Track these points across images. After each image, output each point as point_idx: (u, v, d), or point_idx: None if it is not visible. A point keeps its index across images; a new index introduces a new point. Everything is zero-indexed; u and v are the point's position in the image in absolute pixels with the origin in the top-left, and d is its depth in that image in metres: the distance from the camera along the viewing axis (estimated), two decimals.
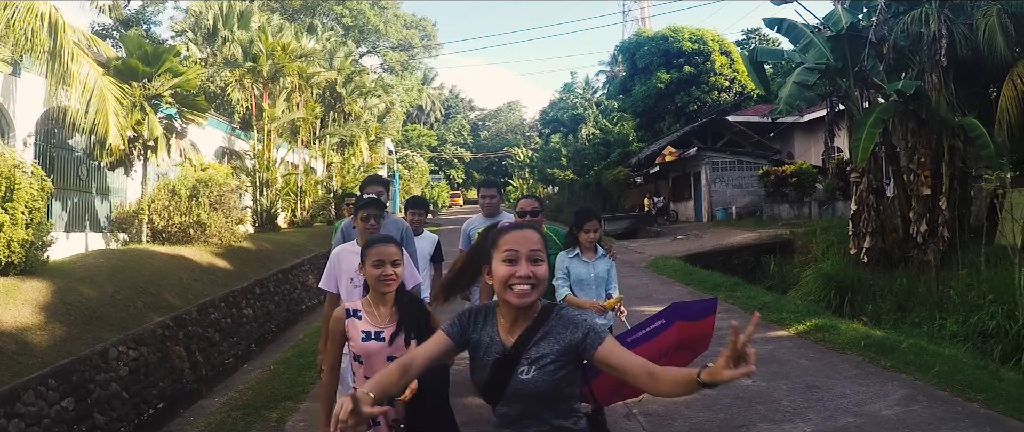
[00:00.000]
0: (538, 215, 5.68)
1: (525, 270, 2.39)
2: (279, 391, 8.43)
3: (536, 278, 2.41)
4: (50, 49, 12.05)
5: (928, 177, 15.34)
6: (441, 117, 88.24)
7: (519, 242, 2.45)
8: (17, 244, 9.47)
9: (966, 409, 6.69)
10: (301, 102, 27.51)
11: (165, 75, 15.65)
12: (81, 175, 16.37)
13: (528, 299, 2.40)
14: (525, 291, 2.39)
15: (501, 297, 2.47)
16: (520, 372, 2.42)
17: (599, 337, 2.40)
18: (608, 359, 2.35)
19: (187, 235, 15.35)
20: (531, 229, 2.55)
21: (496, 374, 2.47)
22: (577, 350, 2.40)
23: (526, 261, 2.41)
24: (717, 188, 32.20)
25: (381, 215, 5.34)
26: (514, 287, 2.40)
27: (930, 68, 14.98)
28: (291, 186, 26.31)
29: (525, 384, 2.41)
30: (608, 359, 2.35)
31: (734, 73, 43.33)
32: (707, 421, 6.68)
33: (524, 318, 2.49)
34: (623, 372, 2.29)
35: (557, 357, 2.40)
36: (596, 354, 2.35)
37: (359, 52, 53.16)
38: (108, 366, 8.74)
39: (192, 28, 29.05)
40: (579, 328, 2.43)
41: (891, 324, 12.45)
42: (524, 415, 2.47)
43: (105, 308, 9.97)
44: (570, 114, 60.55)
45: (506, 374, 2.45)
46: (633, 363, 2.31)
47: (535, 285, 2.41)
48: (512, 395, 2.46)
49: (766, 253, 21.15)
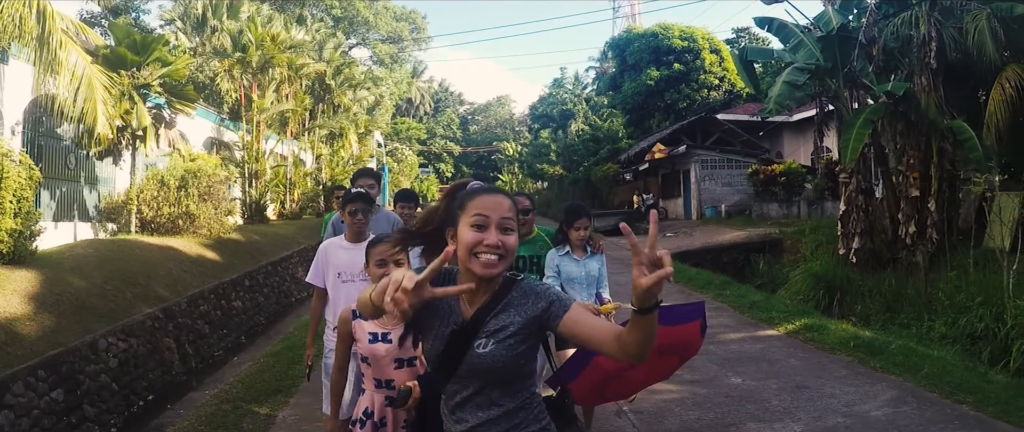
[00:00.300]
0: (529, 213, 5.58)
1: (495, 238, 2.23)
2: (269, 384, 8.41)
3: (505, 248, 2.25)
4: (38, 36, 11.94)
5: (917, 179, 15.40)
6: (430, 111, 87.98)
7: (490, 207, 2.27)
8: (5, 233, 9.43)
9: (955, 411, 6.73)
10: (290, 93, 27.41)
11: (154, 64, 15.56)
12: (69, 164, 16.27)
13: (494, 270, 2.25)
14: (492, 262, 2.24)
15: (464, 265, 2.30)
16: (477, 345, 2.28)
17: (565, 305, 2.25)
18: (574, 328, 2.20)
19: (176, 226, 15.30)
20: (501, 193, 2.37)
21: (451, 347, 2.33)
22: (541, 321, 2.26)
23: (496, 229, 2.25)
24: (706, 186, 32.24)
25: (369, 209, 5.30)
26: (480, 256, 2.24)
27: (920, 70, 15.03)
28: (280, 178, 26.22)
29: (482, 358, 2.27)
30: (574, 328, 2.20)
31: (724, 71, 43.36)
32: (697, 419, 6.71)
33: (485, 290, 2.33)
34: (590, 340, 2.16)
35: (519, 329, 2.27)
36: (562, 323, 2.21)
37: (349, 44, 53.10)
38: (98, 357, 8.71)
39: (181, 17, 28.85)
40: (543, 297, 2.29)
41: (880, 325, 12.51)
42: (476, 395, 2.34)
43: (94, 299, 9.93)
44: (560, 110, 60.56)
45: (462, 347, 2.31)
46: (601, 329, 2.16)
47: (503, 256, 2.25)
48: (467, 371, 2.31)
49: (755, 252, 21.20)
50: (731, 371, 8.41)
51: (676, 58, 43.38)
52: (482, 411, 2.34)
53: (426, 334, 2.42)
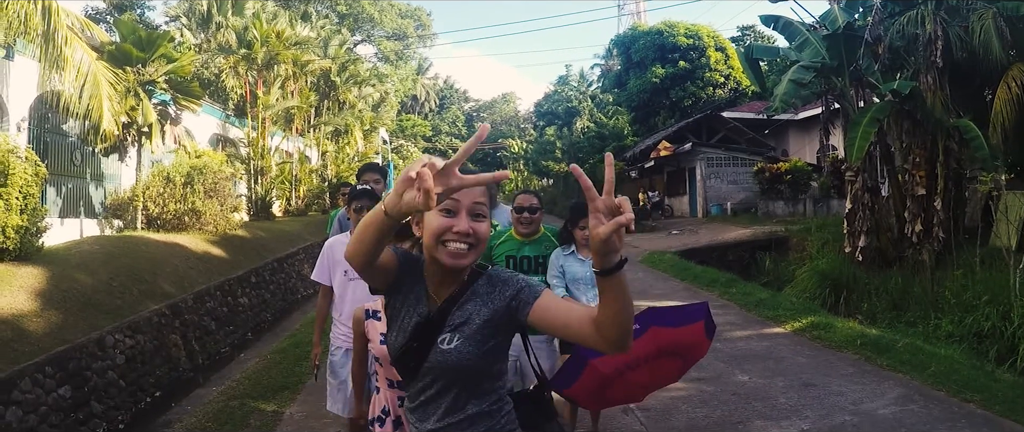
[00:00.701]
0: (537, 211, 5.32)
1: (465, 225, 2.05)
2: (276, 381, 8.42)
3: (476, 236, 2.08)
4: (43, 32, 11.95)
5: (923, 177, 15.37)
6: (436, 107, 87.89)
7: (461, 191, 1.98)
8: (11, 230, 9.43)
9: (962, 410, 6.71)
10: (296, 90, 27.44)
11: (159, 61, 15.56)
12: (75, 161, 16.31)
13: (463, 261, 2.08)
14: (460, 251, 2.07)
15: (430, 254, 2.12)
16: (441, 341, 2.10)
17: (534, 291, 2.06)
18: (546, 315, 2.00)
19: (182, 222, 15.31)
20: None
21: (414, 340, 2.14)
22: (509, 312, 2.08)
23: (467, 215, 2.07)
24: (712, 184, 32.22)
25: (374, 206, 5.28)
26: (448, 244, 2.07)
27: (925, 69, 15.01)
28: (286, 174, 26.24)
29: (446, 356, 2.08)
30: (546, 315, 2.00)
31: (729, 69, 43.31)
32: (705, 417, 6.70)
33: (453, 280, 2.16)
34: (566, 328, 1.95)
35: (486, 322, 2.09)
36: (533, 311, 2.02)
37: (354, 41, 53.06)
38: (105, 354, 8.72)
39: (186, 14, 28.95)
40: (510, 285, 2.11)
41: (886, 323, 12.48)
42: (439, 396, 2.15)
43: (101, 295, 9.95)
44: (565, 107, 60.39)
45: (426, 342, 2.12)
46: (575, 313, 1.95)
47: (473, 245, 2.08)
48: (429, 369, 2.12)
49: (761, 250, 21.17)
50: (738, 369, 8.40)
51: (681, 56, 43.35)
52: (446, 415, 2.14)
53: (392, 324, 2.24)
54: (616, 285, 1.78)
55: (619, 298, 1.79)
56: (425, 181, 1.70)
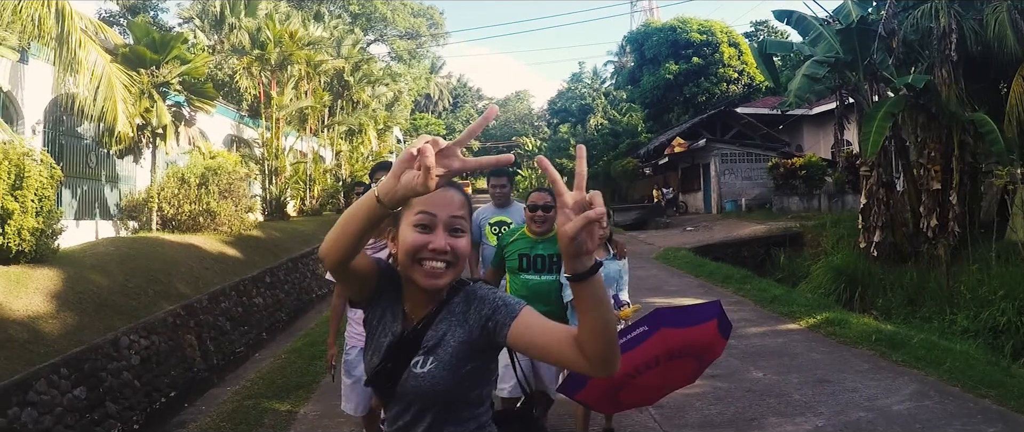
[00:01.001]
0: (551, 210, 5.16)
1: (442, 242, 1.91)
2: (290, 380, 8.44)
3: (454, 254, 1.94)
4: (57, 36, 12.02)
5: (938, 172, 15.29)
6: (449, 106, 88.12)
7: (437, 204, 1.93)
8: (28, 232, 9.49)
9: (978, 405, 6.67)
10: (309, 90, 27.51)
11: (173, 62, 15.63)
12: (90, 163, 16.39)
13: (440, 281, 1.94)
14: (437, 270, 1.93)
15: (406, 272, 1.98)
16: (415, 364, 1.95)
17: (512, 310, 1.88)
18: (526, 336, 1.83)
19: (197, 223, 15.37)
20: (455, 189, 2.00)
21: (388, 360, 1.99)
22: (486, 333, 1.91)
23: (444, 231, 1.93)
24: (726, 180, 32.14)
25: None
26: (424, 263, 1.92)
27: (940, 63, 14.94)
28: (300, 174, 26.31)
29: (420, 380, 1.94)
30: (526, 336, 1.83)
31: (743, 65, 43.17)
32: (719, 414, 6.68)
33: (430, 299, 2.01)
34: (546, 349, 1.78)
35: (461, 344, 1.94)
36: (511, 332, 1.84)
37: (367, 40, 53.10)
38: (120, 355, 8.77)
39: (199, 15, 29.07)
40: (487, 303, 1.94)
41: (901, 319, 12.44)
42: (415, 423, 1.99)
43: (116, 296, 10.00)
44: (578, 104, 60.34)
45: (400, 363, 1.98)
46: (556, 333, 1.78)
47: (451, 263, 1.94)
48: (404, 393, 1.97)
49: (776, 246, 21.12)
50: (752, 365, 8.37)
51: (695, 52, 43.20)
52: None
53: (368, 341, 2.11)
54: (591, 293, 1.62)
55: (597, 307, 1.63)
56: (426, 157, 1.60)
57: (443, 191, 1.90)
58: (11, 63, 13.44)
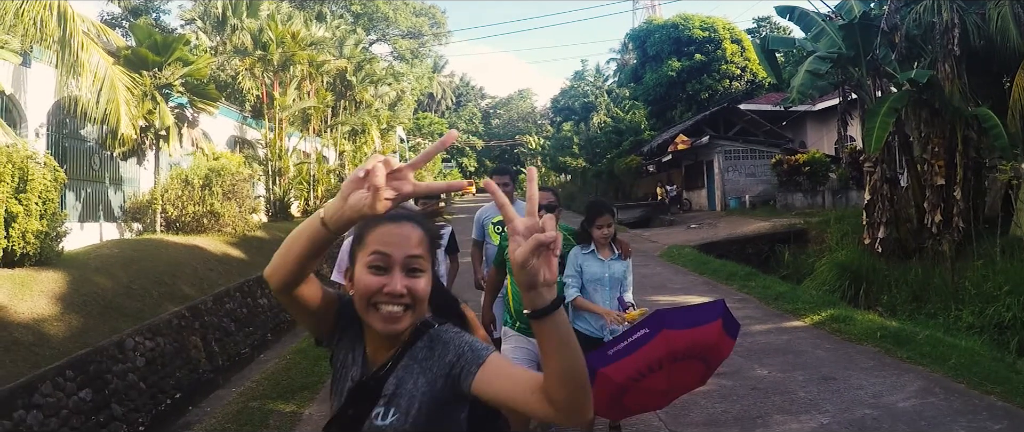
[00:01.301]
0: (555, 210, 5.08)
1: (398, 285, 1.75)
2: (295, 381, 8.46)
3: (412, 297, 1.78)
4: (60, 38, 12.02)
5: (942, 167, 15.27)
6: (452, 105, 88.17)
7: (392, 243, 1.79)
8: (32, 235, 9.49)
9: (983, 402, 6.67)
10: (312, 90, 27.50)
11: (175, 64, 15.64)
12: (94, 165, 16.41)
13: (398, 326, 1.78)
14: (394, 314, 1.77)
15: (362, 315, 1.83)
16: (376, 415, 1.79)
17: (478, 356, 1.73)
18: (493, 384, 1.67)
19: (201, 224, 15.37)
20: (413, 224, 1.85)
21: (350, 407, 1.84)
22: (450, 381, 1.76)
23: (400, 271, 1.78)
24: (730, 177, 32.10)
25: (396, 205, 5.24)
26: (380, 307, 1.78)
27: (943, 57, 14.92)
28: (304, 175, 26.31)
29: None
30: (493, 384, 1.67)
31: (745, 61, 43.13)
32: (723, 412, 6.68)
33: (392, 342, 1.85)
34: (513, 398, 1.64)
35: (424, 393, 1.78)
36: (476, 381, 1.69)
37: (369, 40, 53.14)
38: (125, 357, 8.77)
39: (201, 16, 29.06)
40: (451, 348, 1.79)
41: (906, 315, 12.43)
42: None
43: (121, 298, 10.00)
44: (581, 102, 60.49)
45: (362, 411, 1.82)
46: (523, 382, 1.63)
47: (410, 306, 1.78)
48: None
49: (780, 242, 21.08)
50: (757, 363, 8.37)
51: (697, 49, 43.17)
52: None
53: (333, 385, 1.97)
54: (554, 332, 1.45)
55: (561, 349, 1.46)
56: (376, 177, 1.48)
57: (399, 227, 1.82)
58: (14, 67, 13.44)
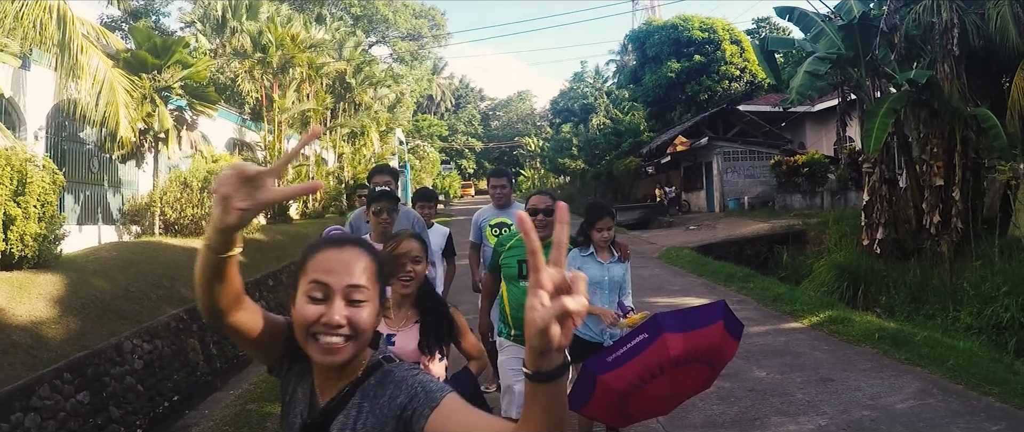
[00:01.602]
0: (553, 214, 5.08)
1: (337, 316, 1.65)
2: None
3: (353, 328, 1.67)
4: (59, 42, 12.01)
5: (941, 168, 15.27)
6: (451, 107, 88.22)
7: (332, 271, 1.70)
8: (30, 238, 9.48)
9: (981, 403, 6.67)
10: (311, 93, 27.51)
11: (175, 67, 15.62)
12: (92, 168, 16.40)
13: (337, 358, 1.67)
14: (333, 346, 1.66)
15: (302, 345, 1.72)
16: None
17: (431, 398, 1.61)
18: (446, 429, 1.55)
19: (200, 227, 15.35)
20: (359, 249, 1.77)
21: None
22: (401, 423, 1.63)
23: (341, 300, 1.68)
24: (729, 178, 32.11)
25: (395, 208, 5.21)
26: (319, 338, 1.67)
27: (942, 58, 14.91)
28: (302, 177, 26.24)
29: None
30: (446, 429, 1.55)
31: (744, 62, 43.16)
32: (722, 414, 6.68)
33: (341, 376, 1.75)
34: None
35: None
36: (429, 424, 1.57)
37: (368, 42, 53.16)
38: (123, 359, 8.76)
39: (201, 19, 29.05)
40: (402, 389, 1.67)
41: (905, 316, 12.42)
42: None
43: (119, 301, 9.99)
44: (581, 104, 60.41)
45: None
46: (479, 429, 1.52)
47: (351, 336, 1.67)
48: None
49: (779, 244, 21.08)
50: (755, 364, 8.36)
51: (696, 50, 43.21)
52: None
53: (282, 419, 1.87)
54: (548, 396, 1.29)
55: (549, 413, 1.30)
56: (223, 185, 1.44)
57: (341, 253, 1.74)
58: (13, 70, 13.44)
